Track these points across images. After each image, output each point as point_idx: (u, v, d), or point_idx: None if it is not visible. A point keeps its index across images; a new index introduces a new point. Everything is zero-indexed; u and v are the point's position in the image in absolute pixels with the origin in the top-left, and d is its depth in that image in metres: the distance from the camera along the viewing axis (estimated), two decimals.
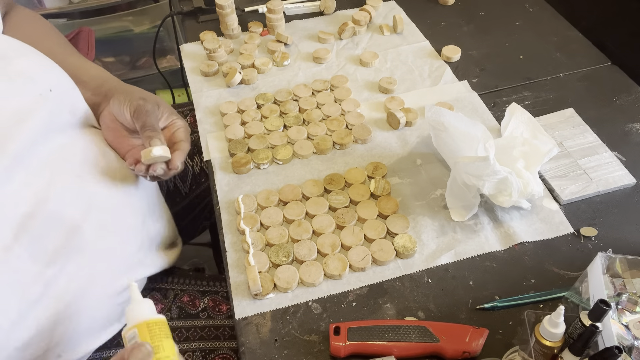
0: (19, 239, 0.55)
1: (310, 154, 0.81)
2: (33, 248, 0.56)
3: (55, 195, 0.58)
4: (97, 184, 0.64)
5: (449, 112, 0.72)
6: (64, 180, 0.60)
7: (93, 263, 0.62)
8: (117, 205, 0.66)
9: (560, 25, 1.03)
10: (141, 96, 0.67)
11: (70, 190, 0.60)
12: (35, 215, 0.56)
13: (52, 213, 0.58)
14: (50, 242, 0.58)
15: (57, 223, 0.58)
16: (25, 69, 0.58)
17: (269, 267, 0.67)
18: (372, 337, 0.57)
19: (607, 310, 0.49)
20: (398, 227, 0.70)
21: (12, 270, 0.54)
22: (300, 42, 1.02)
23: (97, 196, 0.64)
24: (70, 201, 0.60)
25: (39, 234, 0.56)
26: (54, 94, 0.60)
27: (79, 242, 0.60)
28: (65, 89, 0.63)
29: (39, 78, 0.59)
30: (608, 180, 0.74)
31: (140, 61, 1.73)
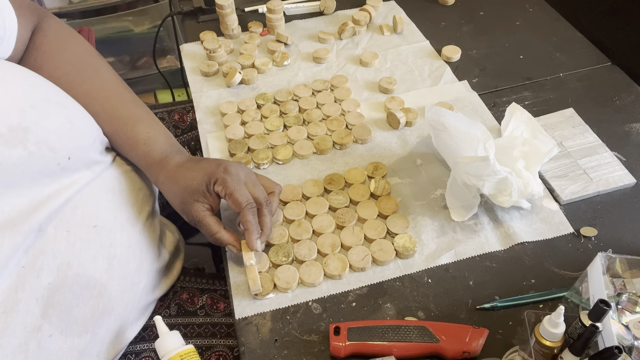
0: (48, 316, 0.51)
1: (310, 154, 0.81)
2: (62, 322, 0.53)
3: (76, 256, 0.54)
4: (114, 230, 0.60)
5: (449, 112, 0.72)
6: (82, 235, 0.56)
7: (119, 319, 0.62)
8: (135, 250, 0.63)
9: (560, 25, 1.03)
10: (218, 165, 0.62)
11: (90, 246, 0.56)
12: (60, 285, 0.52)
13: (76, 278, 0.54)
14: (79, 311, 0.55)
15: (84, 289, 0.55)
16: (44, 137, 0.51)
17: (269, 267, 0.67)
18: (372, 337, 0.57)
19: (607, 310, 0.49)
20: (398, 227, 0.70)
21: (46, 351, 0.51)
22: (300, 42, 1.02)
23: (116, 246, 0.60)
24: (92, 259, 0.56)
25: (67, 305, 0.53)
26: (72, 160, 0.55)
27: (106, 303, 0.58)
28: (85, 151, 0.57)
29: (59, 147, 0.53)
30: (608, 180, 0.74)
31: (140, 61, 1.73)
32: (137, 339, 0.70)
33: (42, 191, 0.53)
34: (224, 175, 0.61)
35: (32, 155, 0.50)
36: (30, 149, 0.49)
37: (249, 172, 0.66)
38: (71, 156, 0.54)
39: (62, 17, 1.56)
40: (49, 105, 0.54)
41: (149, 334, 0.71)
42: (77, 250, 0.55)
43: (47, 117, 0.53)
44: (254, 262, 0.64)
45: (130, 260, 0.62)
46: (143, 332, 0.71)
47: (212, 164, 0.63)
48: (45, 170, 0.52)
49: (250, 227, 0.62)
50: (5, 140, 0.47)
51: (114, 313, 0.60)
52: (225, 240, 0.64)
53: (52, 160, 0.52)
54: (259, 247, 0.64)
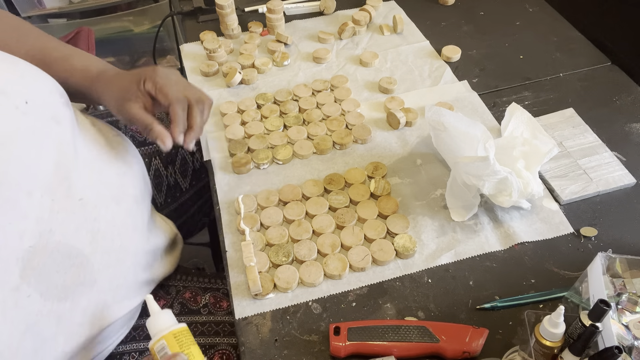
0: (27, 277, 0.51)
1: (310, 154, 0.81)
2: (42, 285, 0.53)
3: (59, 224, 0.54)
4: (99, 206, 0.60)
5: (449, 112, 0.72)
6: (66, 206, 0.56)
7: (103, 294, 0.61)
8: (120, 229, 0.63)
9: (560, 25, 1.03)
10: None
11: (73, 217, 0.56)
12: (41, 249, 0.52)
13: (58, 246, 0.54)
14: (59, 277, 0.55)
15: (64, 257, 0.55)
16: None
17: (269, 267, 0.67)
18: (372, 337, 0.57)
19: (607, 310, 0.49)
20: (398, 227, 0.70)
21: (24, 311, 0.51)
22: (300, 42, 1.02)
23: (101, 221, 0.60)
24: (74, 230, 0.57)
25: (46, 269, 0.53)
26: (31, 105, 0.53)
27: (88, 275, 0.58)
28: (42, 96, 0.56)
29: (11, 90, 0.52)
30: (608, 180, 0.74)
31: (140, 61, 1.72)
32: (127, 339, 0.70)
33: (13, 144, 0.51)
34: (153, 74, 0.63)
35: None
36: None
37: (181, 77, 0.67)
38: (28, 100, 0.53)
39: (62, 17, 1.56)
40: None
41: (140, 333, 0.71)
42: (60, 219, 0.55)
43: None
44: (254, 263, 0.64)
45: (114, 238, 0.62)
46: (134, 331, 0.71)
47: (142, 68, 0.65)
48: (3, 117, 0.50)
49: (177, 119, 0.63)
50: None
51: (97, 285, 0.60)
52: (157, 131, 0.63)
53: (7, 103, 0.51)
54: (181, 140, 0.64)
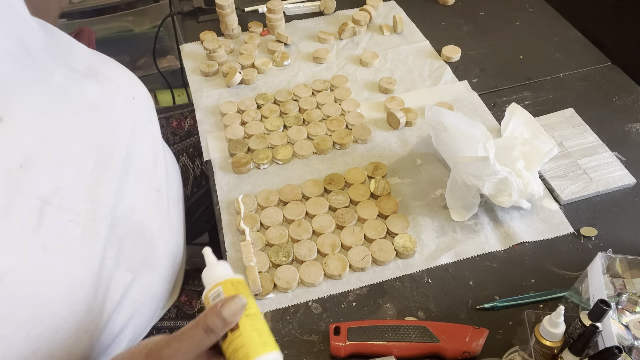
0: (111, 242, 0.56)
1: (310, 154, 0.81)
2: (119, 254, 0.57)
3: (140, 206, 0.61)
4: (170, 201, 0.67)
5: (449, 112, 0.72)
6: (148, 192, 0.63)
7: (157, 281, 0.65)
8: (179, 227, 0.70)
9: (560, 25, 1.03)
10: None
11: (150, 204, 0.63)
12: (124, 221, 0.58)
13: (136, 224, 0.60)
14: (132, 251, 0.59)
15: (139, 235, 0.60)
16: (112, 77, 0.61)
17: (269, 267, 0.67)
18: (372, 337, 0.57)
19: (607, 310, 0.49)
20: (398, 227, 0.70)
21: (106, 272, 0.55)
22: (300, 42, 1.02)
23: (171, 214, 0.67)
24: (148, 216, 0.62)
25: (125, 240, 0.58)
26: (136, 101, 0.63)
27: (151, 258, 0.63)
28: (144, 99, 0.66)
29: (124, 86, 0.62)
30: (608, 180, 0.74)
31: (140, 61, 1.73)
32: None
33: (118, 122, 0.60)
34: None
35: (103, 87, 0.59)
36: (101, 82, 0.59)
37: None
38: (135, 96, 0.63)
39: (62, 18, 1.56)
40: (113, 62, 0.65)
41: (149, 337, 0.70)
42: (141, 202, 0.61)
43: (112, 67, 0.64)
44: (254, 263, 0.64)
45: (173, 232, 0.68)
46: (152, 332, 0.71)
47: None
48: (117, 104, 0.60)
49: None
50: (82, 74, 0.58)
51: (156, 271, 0.64)
52: None
53: (120, 95, 0.61)
54: None
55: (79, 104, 0.56)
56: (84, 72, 0.58)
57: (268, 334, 0.45)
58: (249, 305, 0.45)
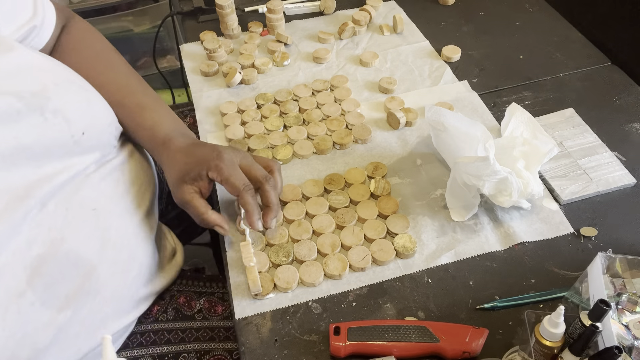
0: (33, 284, 0.52)
1: (310, 154, 0.81)
2: (46, 293, 0.53)
3: (71, 233, 0.56)
4: (112, 216, 0.62)
5: (449, 112, 0.72)
6: (80, 215, 0.57)
7: (104, 305, 0.61)
8: (130, 239, 0.65)
9: (560, 25, 1.03)
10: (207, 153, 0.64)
11: (85, 226, 0.58)
12: (50, 257, 0.53)
13: (67, 254, 0.55)
14: (64, 287, 0.55)
15: (72, 265, 0.56)
16: (61, 107, 0.55)
17: (269, 267, 0.67)
18: (372, 337, 0.57)
19: (607, 310, 0.49)
20: (398, 227, 0.70)
21: (24, 319, 0.52)
22: (300, 42, 1.02)
23: (112, 231, 0.61)
24: (85, 239, 0.58)
25: (53, 278, 0.54)
26: (86, 137, 0.58)
27: (93, 284, 0.58)
28: (99, 131, 0.61)
29: (74, 120, 0.56)
30: (608, 180, 0.74)
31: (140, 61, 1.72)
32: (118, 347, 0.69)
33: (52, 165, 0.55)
34: (218, 162, 0.63)
35: (47, 121, 0.53)
36: (46, 115, 0.53)
37: (245, 154, 0.67)
38: (85, 132, 0.57)
39: None
40: (70, 85, 0.59)
41: (147, 338, 0.70)
42: (72, 228, 0.56)
43: (67, 94, 0.57)
44: (254, 263, 0.64)
45: (123, 248, 0.63)
46: (140, 336, 0.70)
47: (208, 149, 0.65)
48: (59, 141, 0.55)
49: (250, 208, 0.64)
50: (26, 103, 0.52)
51: (100, 296, 0.60)
52: (212, 220, 0.65)
53: (67, 131, 0.55)
54: (260, 226, 0.66)
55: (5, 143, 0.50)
56: (29, 101, 0.52)
57: None
58: None
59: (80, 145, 0.58)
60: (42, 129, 0.53)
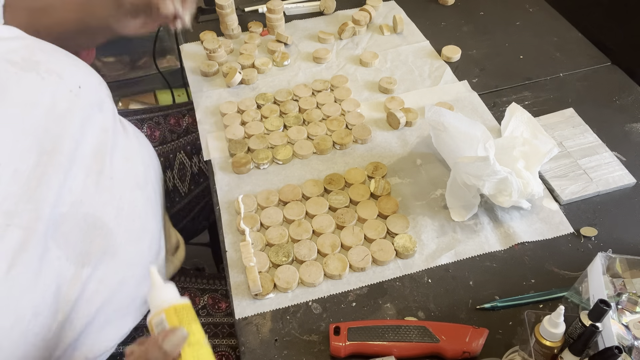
0: (58, 241, 0.55)
1: (310, 154, 0.81)
2: (69, 250, 0.56)
3: (89, 197, 0.59)
4: (125, 187, 0.65)
5: (449, 112, 0.72)
6: (98, 181, 0.61)
7: (122, 268, 0.63)
8: (141, 211, 0.68)
9: (560, 25, 1.03)
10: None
11: (103, 193, 0.61)
12: (71, 216, 0.57)
13: (86, 215, 0.58)
14: (84, 245, 0.58)
15: (91, 227, 0.59)
16: (54, 67, 0.59)
17: (269, 267, 0.67)
18: (372, 337, 0.57)
19: (607, 310, 0.49)
20: (398, 227, 0.70)
21: (55, 273, 0.55)
22: (300, 42, 1.02)
23: (125, 200, 0.64)
24: (103, 204, 0.61)
25: (74, 236, 0.57)
26: (82, 90, 0.61)
27: (110, 246, 0.61)
28: (92, 86, 0.64)
29: (67, 76, 0.60)
30: (608, 180, 0.74)
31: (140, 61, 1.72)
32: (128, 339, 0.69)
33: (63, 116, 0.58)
34: None
35: (44, 80, 0.57)
36: (42, 74, 0.57)
37: None
38: (81, 85, 0.61)
39: None
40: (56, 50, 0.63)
41: (139, 334, 0.70)
42: (90, 193, 0.59)
43: (55, 56, 0.61)
44: (254, 263, 0.64)
45: (135, 218, 0.66)
46: (134, 332, 0.71)
47: None
48: (59, 94, 0.58)
49: None
50: (20, 67, 0.56)
51: (117, 259, 0.62)
52: None
53: (63, 86, 0.59)
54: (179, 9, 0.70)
55: (17, 100, 0.54)
56: (23, 65, 0.56)
57: None
58: (192, 333, 0.46)
59: (82, 98, 0.61)
60: (42, 86, 0.57)
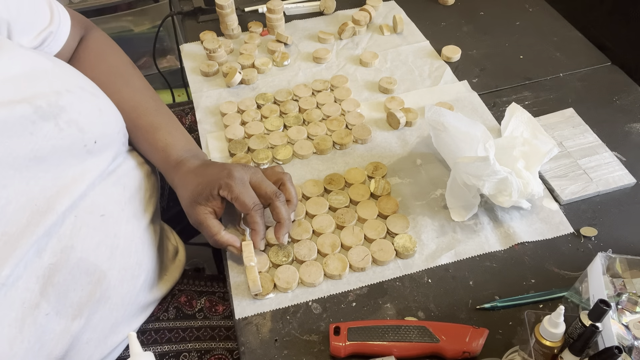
0: (46, 294, 0.53)
1: (310, 154, 0.81)
2: (60, 303, 0.54)
3: (80, 241, 0.56)
4: (120, 222, 0.62)
5: (449, 112, 0.72)
6: (89, 222, 0.58)
7: (114, 311, 0.62)
8: (138, 245, 0.65)
9: (560, 25, 1.03)
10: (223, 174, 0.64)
11: (94, 233, 0.58)
12: (61, 266, 0.54)
13: (77, 262, 0.56)
14: (76, 295, 0.56)
15: (84, 273, 0.57)
16: (75, 118, 0.56)
17: (269, 267, 0.67)
18: (372, 337, 0.57)
19: (607, 310, 0.49)
20: (398, 227, 0.70)
21: (41, 330, 0.53)
22: (300, 42, 1.02)
23: (120, 237, 0.62)
24: (94, 246, 0.58)
25: (65, 287, 0.55)
26: (98, 145, 0.59)
27: (104, 291, 0.59)
28: (110, 139, 0.62)
29: (87, 129, 0.58)
30: (608, 180, 0.74)
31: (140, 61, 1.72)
32: None
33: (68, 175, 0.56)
34: (228, 181, 0.63)
35: (62, 131, 0.54)
36: (61, 125, 0.54)
37: (255, 170, 0.67)
38: (97, 140, 0.59)
39: None
40: (83, 92, 0.60)
41: (148, 337, 0.71)
42: (82, 236, 0.57)
43: (80, 102, 0.58)
44: (254, 263, 0.64)
45: (132, 254, 0.64)
46: (141, 335, 0.71)
47: (218, 169, 0.66)
48: (73, 150, 0.56)
49: (258, 228, 0.65)
50: (42, 114, 0.53)
51: (110, 302, 0.61)
52: (225, 241, 0.66)
53: (80, 140, 0.57)
54: (262, 246, 0.66)
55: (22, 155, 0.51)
56: (45, 111, 0.53)
57: None
58: None
59: (92, 152, 0.59)
60: (57, 139, 0.54)
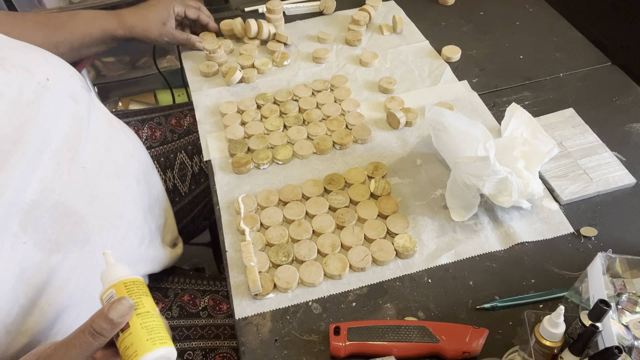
0: (25, 227, 0.55)
1: (310, 154, 0.81)
2: (37, 236, 0.56)
3: (61, 185, 0.59)
4: (101, 176, 0.65)
5: (449, 112, 0.72)
6: (70, 170, 0.60)
7: (95, 255, 0.63)
8: (119, 199, 0.67)
9: (560, 25, 1.03)
10: None
11: (74, 182, 0.61)
12: (40, 203, 0.56)
13: (56, 203, 0.58)
14: (54, 232, 0.58)
15: (61, 214, 0.59)
16: (21, 62, 0.59)
17: (269, 267, 0.67)
18: (372, 337, 0.57)
19: (607, 310, 0.49)
20: (398, 227, 0.70)
21: (19, 255, 0.55)
22: (300, 42, 1.02)
23: (100, 188, 0.64)
24: (74, 193, 0.60)
25: (43, 223, 0.57)
26: (52, 82, 0.61)
27: (82, 233, 0.61)
28: (62, 78, 0.64)
29: (35, 69, 0.60)
30: (608, 180, 0.74)
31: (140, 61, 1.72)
32: None
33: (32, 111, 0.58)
34: None
35: (9, 73, 0.57)
36: (8, 69, 0.57)
37: None
38: (49, 77, 0.61)
39: None
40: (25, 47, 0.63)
41: None
42: (62, 181, 0.59)
43: (23, 51, 0.62)
44: (254, 263, 0.64)
45: (111, 206, 0.65)
46: None
47: None
48: (27, 86, 0.58)
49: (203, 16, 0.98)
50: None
51: (90, 246, 0.62)
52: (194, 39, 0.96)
53: (31, 79, 0.59)
54: None
55: None
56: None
57: (159, 331, 0.46)
58: (141, 304, 0.47)
59: (51, 90, 0.60)
60: (8, 79, 0.57)
